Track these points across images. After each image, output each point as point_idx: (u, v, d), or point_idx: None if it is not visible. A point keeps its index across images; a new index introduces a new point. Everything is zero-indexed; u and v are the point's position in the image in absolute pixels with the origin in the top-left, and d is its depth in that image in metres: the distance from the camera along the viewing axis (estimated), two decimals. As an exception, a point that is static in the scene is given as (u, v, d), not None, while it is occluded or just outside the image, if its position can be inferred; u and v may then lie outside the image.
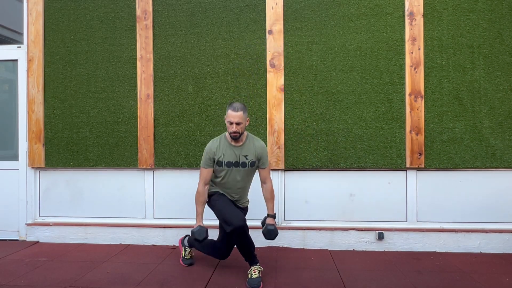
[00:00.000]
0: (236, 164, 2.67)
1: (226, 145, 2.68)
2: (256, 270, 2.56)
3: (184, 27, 3.49)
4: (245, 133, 2.73)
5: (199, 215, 2.69)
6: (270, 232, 2.62)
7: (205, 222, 3.47)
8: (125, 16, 3.55)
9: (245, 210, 2.86)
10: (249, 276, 2.55)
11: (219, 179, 2.73)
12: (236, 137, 2.61)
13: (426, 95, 3.28)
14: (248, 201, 2.89)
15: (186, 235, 3.10)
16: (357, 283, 2.57)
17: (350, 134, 3.32)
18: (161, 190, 3.55)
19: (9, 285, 2.55)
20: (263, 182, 2.77)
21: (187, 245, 2.99)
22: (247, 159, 2.68)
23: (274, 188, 3.39)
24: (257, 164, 2.73)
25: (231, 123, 2.57)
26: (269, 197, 2.73)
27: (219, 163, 2.67)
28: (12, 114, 3.74)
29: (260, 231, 3.38)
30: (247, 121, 2.67)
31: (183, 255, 2.97)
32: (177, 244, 3.45)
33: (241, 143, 2.68)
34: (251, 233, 2.68)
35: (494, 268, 2.86)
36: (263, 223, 2.73)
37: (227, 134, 2.72)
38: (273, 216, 2.71)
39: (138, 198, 3.58)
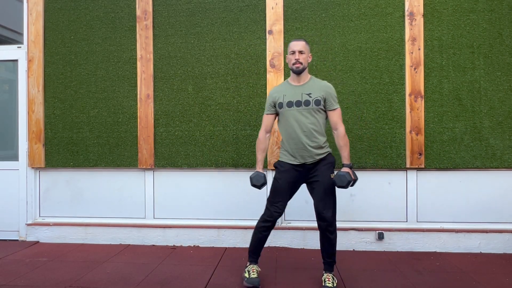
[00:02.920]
0: (298, 103, 2.45)
1: (287, 86, 2.53)
2: (254, 270, 2.54)
3: (184, 27, 3.49)
4: (309, 74, 2.55)
5: (259, 162, 2.58)
6: (340, 178, 2.33)
7: (194, 222, 3.48)
8: (125, 16, 3.55)
9: (325, 164, 2.46)
10: (248, 275, 2.52)
11: (284, 130, 2.51)
12: (299, 68, 2.42)
13: (426, 95, 3.28)
14: (327, 150, 2.52)
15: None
16: (357, 283, 2.57)
17: (350, 134, 3.32)
18: (161, 190, 3.55)
19: (9, 285, 2.56)
20: (333, 127, 2.50)
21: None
22: (310, 97, 2.44)
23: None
24: (323, 104, 2.45)
25: (293, 52, 2.42)
26: (342, 144, 2.45)
27: (280, 105, 2.49)
28: (12, 114, 3.74)
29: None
30: (310, 57, 2.52)
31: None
32: (178, 245, 3.45)
33: (303, 82, 2.50)
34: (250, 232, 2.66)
35: (495, 268, 2.86)
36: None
37: (290, 77, 2.56)
38: (349, 166, 2.42)
39: (138, 198, 3.58)
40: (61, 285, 2.56)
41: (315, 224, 3.38)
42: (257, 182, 2.50)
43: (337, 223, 3.37)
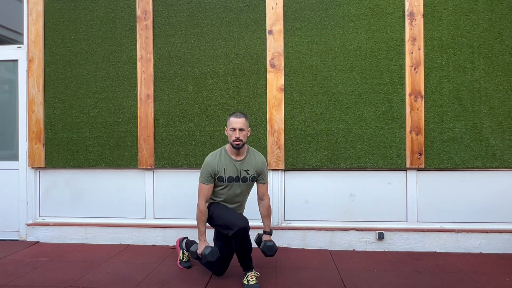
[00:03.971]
0: (237, 179, 2.61)
1: (227, 160, 2.60)
2: (253, 276, 2.50)
3: (184, 27, 3.49)
4: (246, 146, 2.65)
5: (203, 234, 2.61)
6: (270, 248, 2.59)
7: (194, 222, 3.48)
8: (125, 16, 3.55)
9: None
10: (246, 283, 2.48)
11: (218, 194, 2.66)
12: (239, 146, 2.52)
13: (426, 95, 3.28)
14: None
15: (185, 238, 3.06)
16: (357, 283, 2.57)
17: (350, 134, 3.32)
18: (161, 190, 3.55)
19: (9, 285, 2.56)
20: (260, 198, 2.72)
21: (185, 249, 2.94)
22: (248, 174, 2.62)
23: (274, 188, 3.41)
24: (257, 178, 2.67)
25: (234, 130, 2.51)
26: (266, 214, 2.70)
27: (220, 179, 2.59)
28: (12, 114, 3.74)
29: (259, 231, 3.39)
30: (249, 130, 2.61)
31: (181, 258, 2.93)
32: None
33: (242, 157, 2.61)
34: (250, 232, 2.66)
35: (494, 268, 2.85)
36: (258, 241, 2.70)
37: (227, 147, 2.64)
38: (270, 233, 2.69)
39: (138, 198, 3.58)
40: (61, 285, 2.56)
41: (315, 224, 3.40)
42: (213, 258, 2.48)
43: (337, 223, 3.40)
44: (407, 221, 3.34)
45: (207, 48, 3.47)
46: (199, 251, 2.58)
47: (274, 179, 3.42)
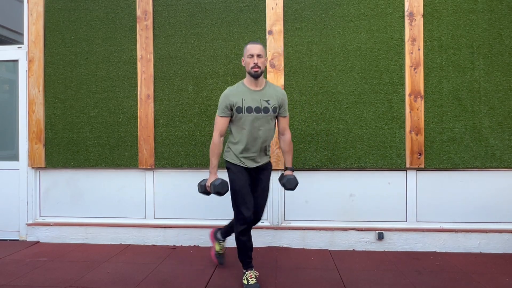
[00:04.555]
0: (258, 109, 2.43)
1: (244, 90, 2.46)
2: (252, 276, 2.46)
3: (184, 27, 3.50)
4: (264, 79, 2.51)
5: (214, 167, 2.49)
6: (290, 181, 2.49)
7: (194, 222, 3.48)
8: (125, 16, 3.55)
9: (268, 169, 2.61)
10: (246, 282, 2.45)
11: (237, 132, 2.48)
12: (257, 73, 2.38)
13: (426, 95, 3.28)
14: (270, 156, 2.64)
15: (219, 229, 2.89)
16: (357, 283, 2.57)
17: (350, 134, 3.33)
18: (161, 190, 3.56)
19: (9, 285, 2.56)
20: (281, 133, 2.61)
21: (221, 239, 2.82)
22: (269, 104, 2.45)
23: (274, 188, 3.41)
24: (278, 111, 2.51)
25: (252, 56, 2.38)
26: (287, 150, 2.60)
27: (239, 109, 2.42)
28: (12, 115, 3.74)
29: (259, 231, 3.40)
30: (266, 59, 2.48)
31: (217, 250, 2.82)
32: (178, 245, 3.46)
33: (261, 87, 2.48)
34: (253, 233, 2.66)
35: (494, 268, 2.86)
36: (281, 178, 2.61)
37: (244, 80, 2.51)
38: (292, 169, 2.59)
39: (138, 198, 3.58)
40: (61, 285, 2.56)
41: (315, 224, 3.40)
42: (222, 190, 2.44)
43: (337, 223, 3.40)
44: (407, 221, 3.34)
45: (207, 48, 3.48)
46: (208, 183, 2.48)
47: (274, 179, 3.42)
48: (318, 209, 3.42)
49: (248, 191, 2.50)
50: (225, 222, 3.46)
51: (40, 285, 2.58)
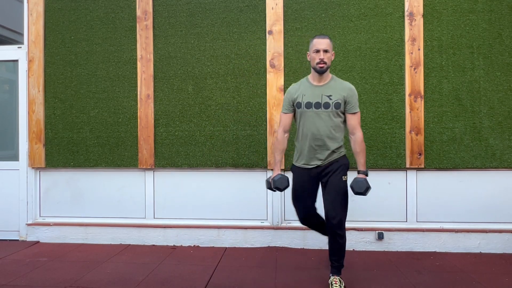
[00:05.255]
0: (317, 105, 2.33)
1: (307, 85, 2.42)
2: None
3: (184, 27, 3.50)
4: (330, 74, 2.43)
5: (278, 163, 2.48)
6: (358, 183, 2.31)
7: (194, 222, 3.48)
8: (125, 16, 3.55)
9: (337, 167, 2.38)
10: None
11: (299, 129, 2.44)
12: (323, 68, 2.31)
13: (426, 95, 3.28)
14: (342, 153, 2.45)
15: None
16: (357, 283, 2.57)
17: (350, 134, 3.32)
18: (161, 190, 3.56)
19: (9, 285, 2.56)
20: (350, 132, 2.40)
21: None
22: (330, 99, 2.33)
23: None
24: (343, 107, 2.35)
25: (318, 51, 2.30)
26: (358, 150, 2.39)
27: (298, 105, 2.39)
28: (12, 114, 3.74)
29: (259, 231, 3.39)
30: (333, 54, 2.41)
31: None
32: (178, 245, 3.46)
33: (324, 83, 2.39)
34: (254, 232, 2.66)
35: (494, 268, 2.86)
36: (352, 181, 2.42)
37: (310, 75, 2.46)
38: (364, 173, 2.38)
39: (138, 198, 3.58)
40: (61, 285, 2.56)
41: (315, 224, 3.40)
42: (281, 185, 2.41)
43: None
44: (406, 221, 3.34)
45: (207, 48, 3.47)
46: (270, 178, 2.48)
47: (274, 179, 3.43)
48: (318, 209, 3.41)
49: (305, 193, 2.46)
50: (225, 222, 3.47)
51: (40, 285, 2.58)
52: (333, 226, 2.34)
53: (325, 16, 3.37)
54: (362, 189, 2.32)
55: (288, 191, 2.82)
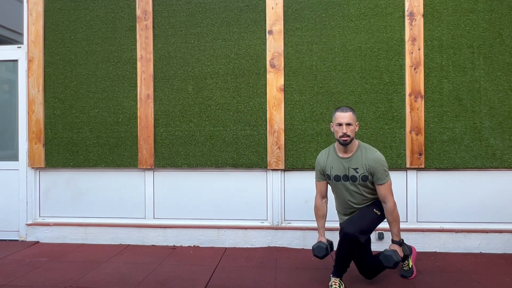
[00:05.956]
0: (345, 178, 2.43)
1: (334, 157, 2.47)
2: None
3: (184, 27, 3.49)
4: (356, 142, 2.46)
5: (320, 229, 2.54)
6: (387, 257, 2.32)
7: (194, 222, 3.48)
8: (125, 16, 3.55)
9: (372, 201, 2.47)
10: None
11: (334, 194, 2.58)
12: (346, 142, 2.35)
13: (426, 95, 3.28)
14: (373, 202, 2.51)
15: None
16: (357, 283, 2.57)
17: (350, 134, 3.32)
18: (161, 190, 3.55)
19: (9, 285, 2.56)
20: (382, 201, 2.42)
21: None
22: (357, 172, 2.39)
23: (274, 188, 3.41)
24: (371, 179, 2.40)
25: (340, 124, 2.35)
26: (390, 219, 2.41)
27: (328, 177, 2.50)
28: (12, 114, 3.74)
29: (259, 231, 3.39)
30: (357, 125, 2.44)
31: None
32: (178, 245, 3.45)
33: (350, 154, 2.43)
34: (255, 232, 2.66)
35: (495, 268, 2.85)
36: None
37: (336, 144, 2.50)
38: (398, 243, 2.39)
39: (138, 198, 3.58)
40: (61, 285, 2.56)
41: (315, 224, 3.38)
42: (319, 254, 2.45)
43: (337, 223, 3.37)
44: (407, 221, 3.34)
45: (207, 48, 3.47)
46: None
47: (274, 179, 3.42)
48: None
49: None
50: (225, 222, 3.47)
51: (40, 285, 2.57)
52: (347, 236, 2.32)
53: (325, 16, 3.37)
54: (391, 263, 2.33)
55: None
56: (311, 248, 3.32)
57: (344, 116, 2.36)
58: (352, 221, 2.40)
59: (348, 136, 2.35)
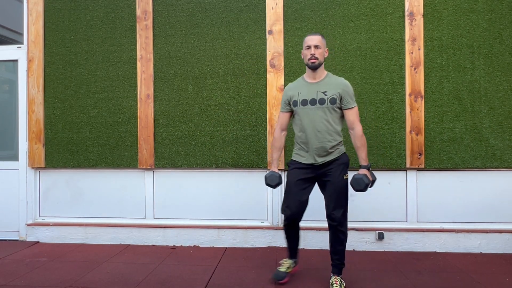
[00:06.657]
0: (313, 101, 2.37)
1: (302, 83, 2.47)
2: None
3: (184, 27, 3.49)
4: (324, 70, 2.47)
5: (274, 161, 2.55)
6: (357, 181, 2.30)
7: (194, 222, 3.48)
8: (125, 16, 3.55)
9: (336, 166, 2.40)
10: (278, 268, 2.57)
11: (296, 126, 2.48)
12: (314, 64, 2.35)
13: (426, 95, 3.28)
14: (341, 150, 2.45)
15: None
16: (357, 283, 2.57)
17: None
18: (161, 190, 3.55)
19: (9, 285, 2.56)
20: (349, 127, 2.41)
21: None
22: (325, 95, 2.36)
23: (274, 189, 3.40)
24: (339, 102, 2.37)
25: (309, 47, 2.35)
26: (359, 145, 2.37)
27: (294, 103, 2.44)
28: (12, 114, 3.74)
29: (259, 231, 3.39)
30: (326, 52, 2.44)
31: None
32: (178, 245, 3.45)
33: (319, 79, 2.42)
34: (253, 232, 2.66)
35: (495, 268, 2.86)
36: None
37: (304, 74, 2.51)
38: (366, 167, 2.36)
39: (138, 198, 3.58)
40: (61, 285, 2.56)
41: (315, 224, 3.39)
42: (272, 182, 2.50)
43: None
44: (407, 221, 3.34)
45: (207, 48, 3.47)
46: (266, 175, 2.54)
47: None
48: (317, 209, 3.40)
49: (297, 189, 2.44)
50: (225, 222, 3.47)
51: (40, 285, 2.57)
52: (334, 220, 2.40)
53: (325, 16, 3.37)
54: (362, 186, 2.32)
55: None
56: (308, 245, 3.33)
57: (312, 39, 2.38)
58: (335, 205, 2.38)
59: (317, 58, 2.35)
